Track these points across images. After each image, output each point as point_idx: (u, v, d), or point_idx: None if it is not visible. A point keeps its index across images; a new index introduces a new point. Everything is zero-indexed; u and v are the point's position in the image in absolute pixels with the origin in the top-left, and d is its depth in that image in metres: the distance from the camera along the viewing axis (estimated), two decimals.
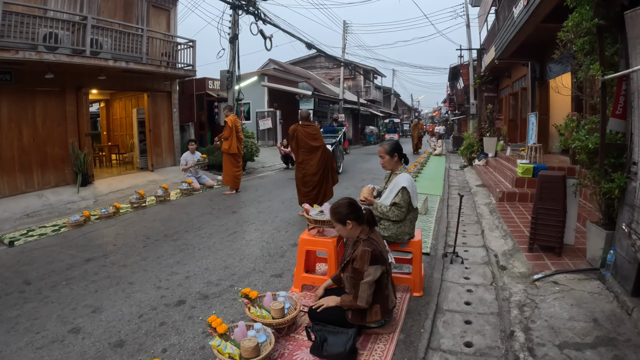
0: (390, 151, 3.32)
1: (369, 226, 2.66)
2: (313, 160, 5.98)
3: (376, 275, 2.45)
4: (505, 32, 8.28)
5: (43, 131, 8.51)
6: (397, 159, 3.35)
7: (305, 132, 6.01)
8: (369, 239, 2.54)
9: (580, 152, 3.57)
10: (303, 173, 6.01)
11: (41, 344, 2.74)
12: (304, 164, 6.01)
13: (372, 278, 2.43)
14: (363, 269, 2.43)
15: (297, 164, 6.13)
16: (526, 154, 7.58)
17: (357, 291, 2.43)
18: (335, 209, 2.64)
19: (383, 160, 3.37)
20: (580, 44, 3.44)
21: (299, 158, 6.07)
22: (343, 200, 2.68)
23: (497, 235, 4.93)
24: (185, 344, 2.69)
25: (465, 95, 21.03)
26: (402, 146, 3.52)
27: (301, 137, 5.99)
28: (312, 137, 6.04)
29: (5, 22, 7.03)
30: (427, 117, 77.17)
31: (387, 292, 2.59)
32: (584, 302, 2.90)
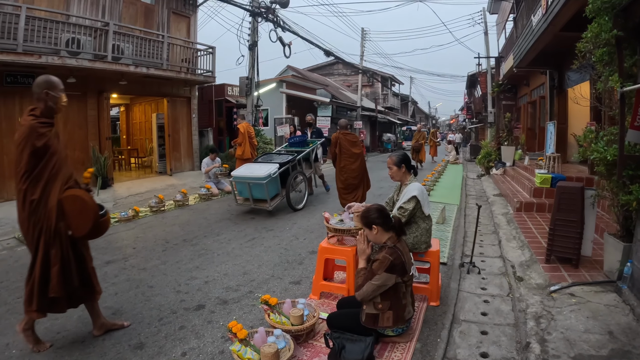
0: (397, 162, 3.40)
1: (397, 234, 2.70)
2: (354, 165, 6.68)
3: (386, 283, 2.49)
4: (523, 41, 8.23)
5: (64, 134, 8.71)
6: (405, 170, 3.42)
7: (347, 140, 6.74)
8: (394, 247, 2.58)
9: (598, 164, 3.55)
10: (345, 177, 6.70)
11: (61, 345, 2.79)
12: (346, 169, 6.69)
13: (380, 283, 2.48)
14: (377, 272, 2.50)
15: (340, 169, 6.78)
16: (544, 164, 7.50)
17: (362, 285, 2.54)
18: (364, 213, 2.71)
19: (391, 171, 3.45)
20: (599, 55, 3.43)
21: (341, 163, 6.74)
22: (373, 205, 2.76)
23: (514, 246, 4.90)
24: (205, 348, 2.74)
25: (483, 104, 20.85)
26: None
27: (343, 144, 6.69)
28: (353, 145, 6.74)
29: (28, 27, 7.30)
30: (444, 124, 76.67)
31: (405, 302, 2.61)
32: (600, 315, 2.89)
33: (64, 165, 2.67)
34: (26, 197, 2.53)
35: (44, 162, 2.56)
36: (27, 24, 7.26)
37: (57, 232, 2.57)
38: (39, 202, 2.54)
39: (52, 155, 2.59)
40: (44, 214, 2.55)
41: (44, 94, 2.66)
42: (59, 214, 2.57)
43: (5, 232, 5.96)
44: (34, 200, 2.53)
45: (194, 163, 12.63)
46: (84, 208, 2.59)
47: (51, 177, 2.58)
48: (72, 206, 2.58)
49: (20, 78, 7.85)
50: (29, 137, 2.49)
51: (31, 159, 2.51)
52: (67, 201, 2.58)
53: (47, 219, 2.55)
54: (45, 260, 2.56)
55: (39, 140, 2.51)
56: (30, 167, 2.52)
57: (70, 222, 2.60)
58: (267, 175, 6.52)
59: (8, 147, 7.91)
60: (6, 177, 7.89)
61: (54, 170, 2.59)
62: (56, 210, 2.56)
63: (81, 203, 2.59)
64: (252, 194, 6.79)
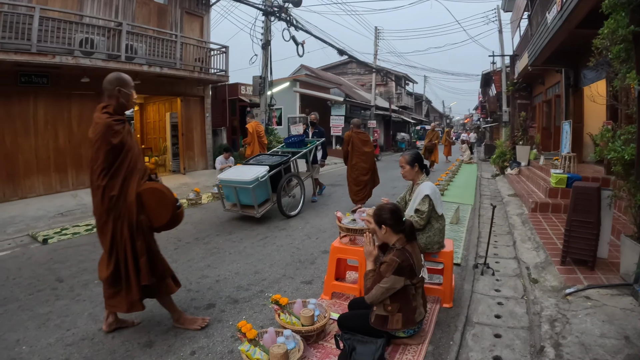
0: (410, 161, 3.35)
1: (407, 238, 2.63)
2: (365, 164, 6.97)
3: (395, 286, 2.46)
4: (538, 38, 8.09)
5: (78, 133, 8.90)
6: (418, 169, 3.38)
7: (359, 139, 7.04)
8: (402, 249, 2.54)
9: (615, 164, 3.46)
10: (357, 174, 6.99)
11: (71, 341, 2.82)
12: (357, 166, 6.99)
13: (388, 286, 2.46)
14: (385, 275, 2.46)
15: (351, 166, 7.06)
16: (560, 164, 7.36)
17: (371, 288, 2.51)
18: (378, 210, 2.67)
19: (404, 170, 3.41)
20: (616, 52, 3.34)
21: (353, 160, 7.03)
22: (388, 205, 2.71)
23: (529, 247, 4.81)
24: (214, 347, 2.73)
25: (497, 103, 20.59)
26: None
27: (356, 142, 6.99)
28: (365, 143, 7.05)
29: (42, 28, 7.42)
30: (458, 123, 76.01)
31: (416, 303, 2.57)
32: (616, 319, 2.81)
33: (139, 160, 2.77)
34: (105, 193, 2.62)
35: (121, 158, 2.65)
36: (40, 24, 7.37)
37: (140, 225, 2.68)
38: (119, 197, 2.63)
39: (128, 151, 2.68)
40: (124, 208, 2.64)
41: (116, 91, 2.74)
42: (139, 207, 2.66)
43: (19, 230, 6.08)
44: (113, 196, 2.61)
45: (207, 162, 12.71)
46: (163, 199, 2.68)
47: (129, 172, 2.67)
48: (151, 198, 2.67)
49: (35, 78, 8.00)
50: (105, 135, 2.57)
51: (108, 156, 2.59)
52: (146, 194, 2.67)
53: (128, 212, 2.64)
54: (134, 253, 2.68)
55: (115, 138, 2.59)
56: (108, 164, 2.60)
57: (150, 213, 2.69)
58: (254, 178, 5.91)
59: (23, 146, 8.09)
60: (21, 175, 8.05)
61: (131, 166, 2.68)
62: (136, 203, 2.65)
63: (160, 195, 2.68)
64: (240, 199, 6.22)
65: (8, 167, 7.89)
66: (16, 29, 7.17)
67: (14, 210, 7.16)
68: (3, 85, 7.63)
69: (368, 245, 2.69)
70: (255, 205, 6.01)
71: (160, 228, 2.79)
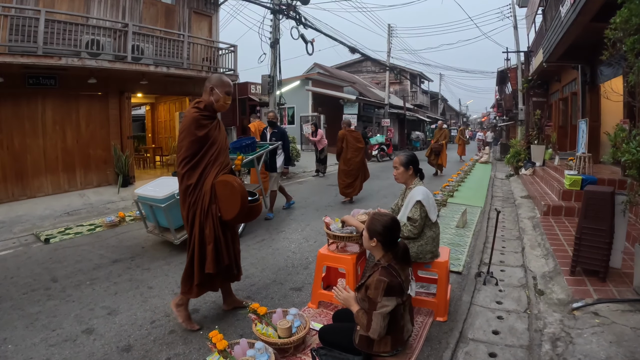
0: (405, 163, 3.11)
1: (395, 257, 2.36)
2: (357, 158, 7.70)
3: (390, 308, 2.20)
4: (552, 33, 7.75)
5: (86, 133, 8.97)
6: (412, 172, 3.14)
7: (352, 137, 7.81)
8: (388, 267, 2.29)
9: (630, 166, 3.19)
10: (351, 167, 7.67)
11: (55, 342, 2.84)
12: (351, 161, 7.68)
13: (386, 310, 2.18)
14: (377, 299, 2.19)
15: (345, 160, 7.71)
16: (574, 164, 7.02)
17: (370, 322, 2.20)
18: (371, 222, 2.39)
19: (397, 171, 3.16)
20: (631, 43, 3.07)
21: (347, 155, 7.71)
22: (386, 216, 2.41)
23: (538, 254, 4.55)
24: (190, 354, 2.65)
25: (513, 101, 20.07)
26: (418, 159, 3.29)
27: (349, 139, 7.74)
28: (357, 140, 7.82)
29: (48, 30, 7.48)
30: (475, 122, 74.82)
31: (403, 322, 2.34)
32: (625, 340, 2.54)
33: (222, 154, 2.91)
34: (183, 181, 2.82)
35: (204, 150, 2.83)
36: (47, 27, 7.44)
37: (209, 214, 2.80)
38: (195, 186, 2.80)
39: (212, 144, 2.86)
40: (199, 196, 2.81)
41: (209, 89, 2.92)
42: (211, 197, 2.80)
43: (25, 229, 6.12)
44: (190, 184, 2.80)
45: None
46: (233, 193, 2.75)
47: (209, 164, 2.83)
48: (223, 191, 2.79)
49: (43, 79, 8.08)
50: (190, 126, 2.77)
51: (191, 146, 2.78)
52: (219, 186, 2.80)
53: (201, 201, 2.81)
54: (201, 239, 2.81)
55: (200, 130, 2.79)
56: (190, 154, 2.79)
57: (221, 205, 2.81)
58: (167, 196, 4.69)
59: (32, 146, 8.18)
60: (29, 175, 8.14)
61: (212, 158, 2.85)
62: (210, 193, 2.79)
63: (230, 189, 2.76)
64: (157, 220, 5.10)
65: (17, 167, 7.99)
66: (23, 32, 7.25)
67: (22, 209, 7.24)
68: (11, 87, 7.71)
69: (341, 292, 2.42)
70: (171, 229, 4.77)
71: (231, 220, 2.86)
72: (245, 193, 2.77)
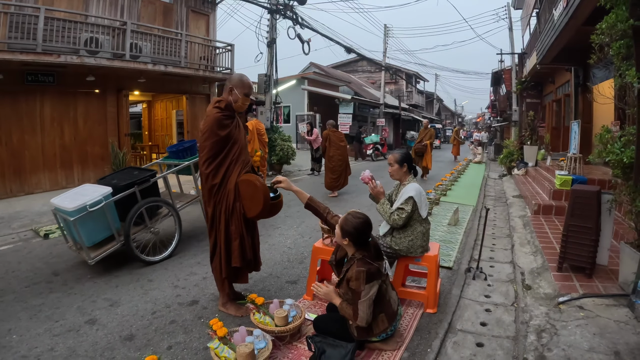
0: (400, 160, 3.24)
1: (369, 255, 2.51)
2: (341, 156, 8.47)
3: (374, 293, 2.38)
4: (546, 36, 7.90)
5: (84, 130, 9.03)
6: (406, 170, 3.27)
7: (336, 136, 8.64)
8: (363, 258, 2.46)
9: (615, 166, 3.32)
10: (333, 164, 8.45)
11: (58, 332, 2.91)
12: (335, 158, 8.44)
13: (370, 296, 2.37)
14: (360, 289, 2.36)
15: (329, 157, 8.51)
16: (565, 165, 7.17)
17: (357, 311, 2.37)
18: (344, 222, 2.53)
19: (391, 168, 3.30)
20: (617, 48, 3.20)
21: (331, 153, 8.48)
22: (359, 218, 2.52)
23: (527, 251, 4.68)
24: (191, 343, 2.75)
25: (507, 102, 20.24)
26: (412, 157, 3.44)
27: (333, 139, 8.56)
28: (340, 140, 8.64)
29: (47, 28, 7.54)
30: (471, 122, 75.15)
31: (388, 297, 2.53)
32: (608, 332, 2.67)
33: (243, 153, 3.01)
34: (208, 181, 2.91)
35: (227, 149, 2.91)
36: (46, 24, 7.50)
37: (234, 211, 2.92)
38: (220, 186, 2.90)
39: (234, 144, 2.94)
40: (224, 194, 2.91)
41: (229, 89, 3.01)
42: (236, 195, 2.91)
43: (23, 224, 6.17)
44: (215, 184, 2.90)
45: None
46: (255, 192, 2.85)
47: (232, 163, 2.93)
48: (246, 189, 2.89)
49: (41, 77, 8.14)
50: (213, 126, 2.83)
51: (214, 146, 2.85)
52: (242, 185, 2.90)
53: (226, 199, 2.91)
54: (227, 235, 2.94)
55: (222, 130, 2.86)
56: (213, 153, 2.86)
57: (244, 203, 2.92)
58: (78, 207, 3.87)
59: (30, 143, 8.22)
60: (28, 171, 8.19)
61: (235, 157, 2.94)
62: (234, 192, 2.90)
63: (253, 188, 2.85)
64: (71, 233, 4.19)
65: (15, 164, 8.04)
66: (22, 29, 7.30)
67: (20, 205, 7.29)
68: (10, 84, 7.76)
69: (321, 288, 2.62)
70: (83, 246, 3.98)
71: (255, 217, 2.98)
72: (267, 191, 2.86)
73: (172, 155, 5.54)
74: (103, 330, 2.93)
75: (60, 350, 2.67)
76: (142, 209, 4.42)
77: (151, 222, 4.60)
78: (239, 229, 2.94)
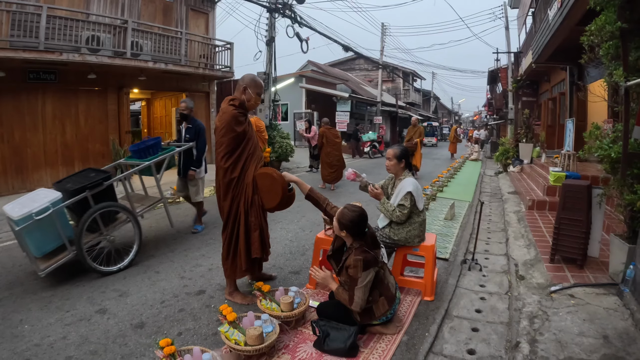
0: (399, 156, 3.39)
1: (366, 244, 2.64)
2: (336, 151, 9.03)
3: (370, 280, 2.54)
4: (541, 35, 8.05)
5: (85, 128, 9.13)
6: (404, 165, 3.43)
7: (331, 134, 9.19)
8: (360, 247, 2.60)
9: (604, 161, 3.48)
10: (331, 159, 8.97)
11: (70, 321, 3.00)
12: (331, 154, 8.99)
13: (366, 283, 2.52)
14: (357, 276, 2.51)
15: (326, 153, 9.00)
16: (559, 162, 7.34)
17: (353, 296, 2.53)
18: (340, 216, 2.67)
19: (389, 162, 3.44)
20: (606, 49, 3.35)
21: (327, 149, 9.00)
22: (354, 212, 2.65)
23: (520, 244, 4.84)
24: (200, 329, 2.87)
25: (503, 100, 20.46)
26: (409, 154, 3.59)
27: (329, 136, 9.09)
28: (335, 137, 9.21)
29: (49, 26, 7.63)
30: (467, 120, 75.43)
31: (386, 280, 2.69)
32: (597, 318, 2.82)
33: (257, 148, 3.17)
34: (226, 175, 3.03)
35: (243, 145, 3.05)
36: (48, 22, 7.59)
37: (253, 203, 3.06)
38: (238, 179, 3.03)
39: (249, 139, 3.10)
40: (242, 188, 3.04)
41: (242, 88, 3.13)
42: (254, 188, 3.05)
43: None
44: (233, 178, 3.02)
45: (212, 156, 12.85)
46: (273, 184, 2.99)
47: (248, 158, 3.07)
48: (264, 182, 3.03)
49: (43, 74, 8.23)
50: (230, 123, 2.97)
51: (232, 142, 2.99)
52: (260, 178, 3.04)
53: (245, 192, 3.05)
54: (246, 227, 3.06)
55: (239, 126, 3.01)
56: (231, 149, 3.00)
57: (262, 196, 3.05)
58: (24, 215, 3.54)
59: (31, 140, 8.31)
60: (29, 168, 8.27)
61: (250, 152, 3.09)
62: (252, 185, 3.04)
63: (271, 180, 3.00)
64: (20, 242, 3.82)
65: (17, 161, 8.13)
66: (24, 27, 7.39)
67: None
68: (12, 81, 7.84)
69: (319, 272, 2.77)
70: (30, 257, 3.69)
71: (272, 209, 3.11)
72: (285, 183, 3.00)
73: (134, 155, 5.11)
74: (114, 319, 3.03)
75: (72, 338, 2.76)
76: (95, 214, 3.97)
77: (107, 229, 4.16)
78: (258, 220, 3.07)
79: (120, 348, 2.64)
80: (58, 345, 2.67)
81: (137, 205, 4.81)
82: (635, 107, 3.21)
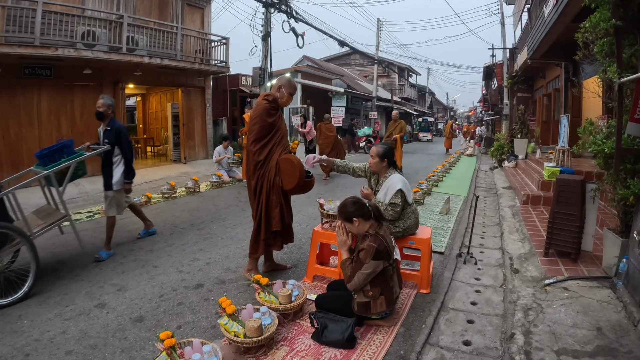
0: (382, 155, 3.46)
1: (377, 221, 2.74)
2: (327, 146, 10.21)
3: (375, 270, 2.56)
4: (536, 32, 8.09)
5: (81, 123, 9.08)
6: (386, 164, 3.49)
7: (326, 127, 10.44)
8: (376, 234, 2.64)
9: (597, 156, 3.53)
10: (323, 151, 10.02)
11: (69, 316, 3.02)
12: (325, 146, 10.23)
13: (369, 271, 2.55)
14: (365, 261, 2.55)
15: (319, 145, 10.37)
16: (554, 157, 7.41)
17: (353, 276, 2.60)
18: (341, 209, 2.75)
19: (372, 160, 3.51)
20: (600, 45, 3.39)
21: (320, 141, 10.37)
22: (348, 199, 2.78)
23: (515, 239, 4.90)
24: (199, 322, 2.90)
25: (499, 96, 20.50)
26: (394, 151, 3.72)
27: (323, 130, 10.36)
28: (329, 130, 10.43)
29: (45, 21, 7.58)
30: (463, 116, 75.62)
31: (392, 283, 2.70)
32: (591, 310, 2.87)
33: (284, 138, 3.58)
34: (254, 157, 3.46)
35: (272, 134, 3.48)
36: (43, 18, 7.54)
37: (275, 184, 3.45)
38: (264, 162, 3.44)
39: (277, 130, 3.52)
40: (266, 170, 3.45)
41: (277, 87, 3.56)
42: (276, 171, 3.44)
43: None
44: (260, 160, 3.44)
45: (207, 152, 12.85)
46: (293, 168, 3.38)
47: (275, 145, 3.49)
48: (285, 166, 3.41)
49: (38, 70, 8.17)
50: (262, 114, 3.44)
51: (261, 130, 3.44)
52: (282, 162, 3.43)
53: (268, 173, 3.45)
54: (267, 203, 3.46)
55: (269, 118, 3.47)
56: (260, 136, 3.44)
57: (283, 178, 3.43)
58: None
59: (27, 136, 8.26)
60: (25, 164, 8.20)
61: (277, 140, 3.51)
62: (275, 168, 3.44)
63: (291, 165, 3.39)
64: None
65: (12, 157, 8.08)
66: (20, 22, 7.33)
67: (19, 198, 7.30)
68: (8, 77, 7.78)
69: (341, 235, 2.81)
70: None
71: (290, 191, 3.47)
72: (302, 168, 3.39)
73: (40, 161, 4.21)
74: (113, 313, 3.05)
75: (72, 332, 2.77)
76: None
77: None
78: (279, 198, 3.46)
79: (120, 342, 2.66)
80: (58, 340, 2.68)
81: (38, 224, 3.90)
82: (629, 103, 3.25)
